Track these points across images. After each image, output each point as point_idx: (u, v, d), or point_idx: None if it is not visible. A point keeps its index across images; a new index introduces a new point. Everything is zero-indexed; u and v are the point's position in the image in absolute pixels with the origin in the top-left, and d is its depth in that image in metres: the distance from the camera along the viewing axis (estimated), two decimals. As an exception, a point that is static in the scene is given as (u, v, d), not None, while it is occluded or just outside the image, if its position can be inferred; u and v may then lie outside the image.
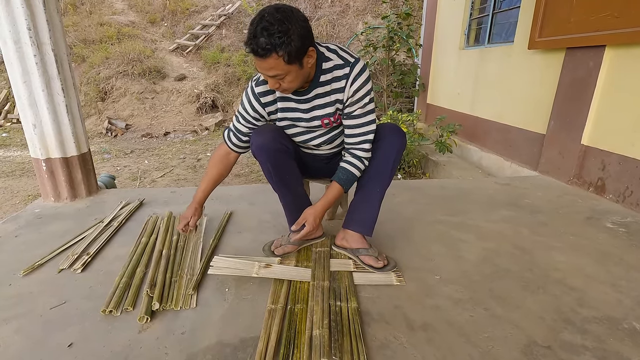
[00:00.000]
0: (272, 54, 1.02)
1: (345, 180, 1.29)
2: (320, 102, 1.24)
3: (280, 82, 1.11)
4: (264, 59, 1.04)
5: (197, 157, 4.69)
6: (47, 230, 1.72)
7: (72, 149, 2.02)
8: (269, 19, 1.01)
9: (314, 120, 1.28)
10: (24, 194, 3.40)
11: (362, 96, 1.21)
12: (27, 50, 1.78)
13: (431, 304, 1.17)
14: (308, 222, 1.28)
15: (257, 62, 1.07)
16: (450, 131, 3.54)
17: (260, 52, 1.03)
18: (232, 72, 6.95)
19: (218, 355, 0.96)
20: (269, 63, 1.05)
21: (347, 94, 1.20)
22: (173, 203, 2.03)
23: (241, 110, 1.31)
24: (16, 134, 5.91)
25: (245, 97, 1.29)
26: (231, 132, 1.36)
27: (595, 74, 2.14)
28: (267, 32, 1.00)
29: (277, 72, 1.07)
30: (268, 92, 1.25)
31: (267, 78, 1.11)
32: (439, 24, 4.53)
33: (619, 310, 1.15)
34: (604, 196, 2.12)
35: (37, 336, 1.04)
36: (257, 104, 1.27)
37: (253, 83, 1.27)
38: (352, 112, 1.23)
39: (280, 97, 1.25)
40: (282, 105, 1.27)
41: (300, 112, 1.26)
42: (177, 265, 1.37)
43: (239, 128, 1.34)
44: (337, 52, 1.20)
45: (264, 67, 1.07)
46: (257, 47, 1.02)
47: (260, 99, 1.26)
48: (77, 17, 7.89)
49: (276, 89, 1.14)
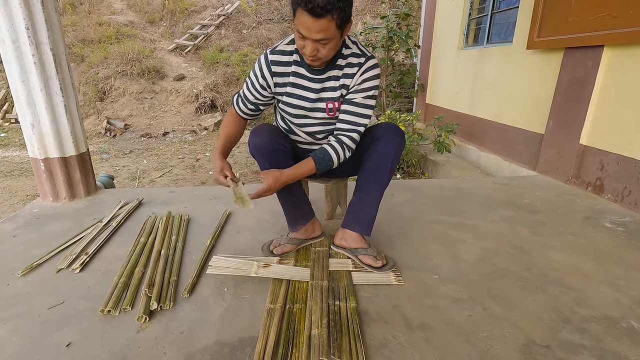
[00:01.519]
0: (327, 15, 1.02)
1: (321, 159, 1.25)
2: (330, 84, 1.25)
3: (321, 47, 1.10)
4: (319, 18, 1.02)
5: (196, 157, 4.68)
6: (46, 230, 1.72)
7: (71, 148, 2.02)
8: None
9: (318, 102, 1.28)
10: (22, 194, 3.39)
11: (368, 88, 1.24)
12: (25, 49, 1.78)
13: (430, 303, 1.17)
14: (267, 180, 1.19)
15: (306, 21, 1.04)
16: (448, 130, 3.54)
17: (317, 11, 1.00)
18: (231, 72, 6.94)
19: (216, 355, 0.96)
20: (321, 24, 1.03)
21: (355, 81, 1.22)
22: (172, 203, 2.03)
23: (251, 77, 1.29)
24: (14, 134, 5.90)
25: (257, 64, 1.27)
26: (240, 98, 1.36)
27: (593, 74, 2.14)
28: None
29: (325, 35, 1.06)
30: (282, 63, 1.24)
31: (309, 42, 1.09)
32: (438, 24, 4.54)
33: (617, 309, 1.15)
34: (603, 196, 2.13)
35: (35, 336, 1.04)
36: (267, 72, 1.25)
37: (268, 51, 1.25)
38: (352, 99, 1.25)
39: (294, 72, 1.25)
40: (294, 80, 1.26)
41: (309, 91, 1.27)
42: (175, 265, 1.37)
43: (246, 95, 1.33)
44: (357, 44, 1.26)
45: (315, 28, 1.04)
46: (315, 5, 0.99)
47: (271, 67, 1.24)
48: (75, 17, 7.88)
49: (312, 56, 1.12)
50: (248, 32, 7.97)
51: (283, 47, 1.24)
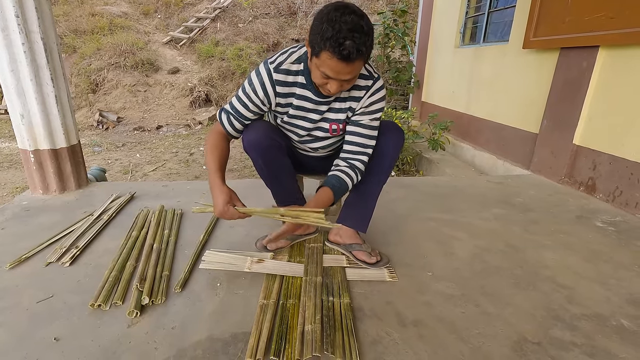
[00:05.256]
0: (360, 57, 0.98)
1: (338, 188, 1.22)
2: (336, 105, 1.22)
3: (346, 84, 1.07)
4: (353, 62, 0.98)
5: (189, 151, 4.64)
6: (35, 223, 1.69)
7: (62, 140, 1.98)
8: (358, 22, 0.95)
9: (322, 122, 1.25)
10: (12, 186, 3.34)
11: (375, 110, 1.21)
12: (14, 37, 1.73)
13: (423, 300, 1.17)
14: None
15: (335, 66, 0.98)
16: (442, 128, 3.55)
17: (351, 57, 0.96)
18: (227, 66, 6.88)
19: (209, 350, 0.95)
20: (353, 67, 0.99)
21: (362, 103, 1.20)
22: (165, 197, 2.01)
23: (248, 92, 1.18)
24: (4, 125, 5.79)
25: (257, 77, 1.17)
26: (230, 116, 1.24)
27: (588, 75, 2.16)
28: (360, 35, 0.94)
29: (355, 74, 1.03)
30: (286, 83, 1.18)
31: (335, 81, 1.04)
32: (435, 21, 4.53)
33: (608, 307, 1.16)
34: (594, 195, 2.15)
35: (23, 330, 1.02)
36: (270, 91, 1.18)
37: (271, 67, 1.15)
38: (360, 121, 1.22)
39: (299, 95, 1.20)
40: (298, 103, 1.21)
41: (314, 113, 1.23)
42: (168, 260, 1.35)
43: (240, 112, 1.22)
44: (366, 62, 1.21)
45: (347, 70, 0.99)
46: (349, 52, 0.94)
47: (275, 87, 1.17)
48: (67, 7, 7.73)
49: (333, 91, 1.07)
50: (244, 26, 7.89)
51: (288, 65, 1.17)
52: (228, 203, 1.12)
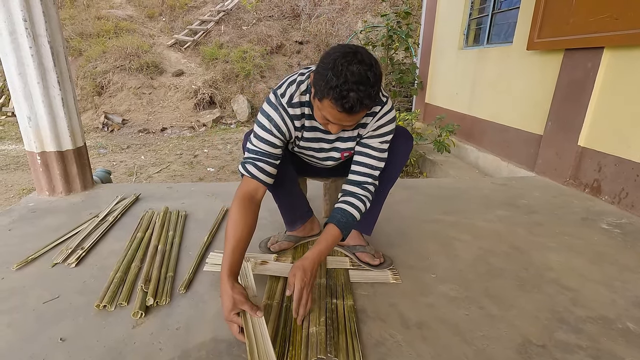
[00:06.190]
0: (364, 109, 0.95)
1: (345, 224, 1.13)
2: (345, 135, 1.19)
3: (348, 126, 1.04)
4: (355, 114, 0.94)
5: (194, 153, 4.67)
6: (41, 224, 1.70)
7: (68, 142, 2.00)
8: (365, 73, 0.90)
9: (332, 152, 1.24)
10: (18, 187, 3.37)
11: (385, 133, 1.16)
12: (22, 41, 1.76)
13: (426, 302, 1.17)
14: (297, 281, 1.01)
15: (336, 115, 0.95)
16: (449, 131, 3.55)
17: (355, 110, 0.92)
18: (231, 69, 6.91)
19: (213, 351, 0.96)
20: (357, 117, 0.97)
21: (369, 128, 1.15)
22: (169, 198, 2.02)
23: (270, 128, 1.10)
24: (11, 128, 5.86)
25: (276, 111, 1.10)
26: (258, 162, 1.11)
27: (593, 76, 2.15)
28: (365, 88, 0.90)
29: (356, 122, 1.01)
30: (297, 117, 1.13)
31: (336, 125, 1.01)
32: (438, 23, 4.53)
33: (613, 310, 1.15)
34: (600, 197, 2.13)
35: (30, 330, 1.03)
36: (290, 123, 1.12)
37: (284, 102, 1.10)
38: (369, 144, 1.17)
39: (308, 126, 1.16)
40: (308, 135, 1.19)
41: (323, 142, 1.22)
42: (172, 261, 1.36)
43: (268, 151, 1.12)
44: None
45: (348, 119, 0.97)
46: (352, 105, 0.91)
47: (294, 121, 1.12)
48: (74, 11, 7.81)
49: (334, 132, 1.04)
50: (248, 29, 7.93)
51: (299, 98, 1.11)
52: (232, 311, 0.95)
